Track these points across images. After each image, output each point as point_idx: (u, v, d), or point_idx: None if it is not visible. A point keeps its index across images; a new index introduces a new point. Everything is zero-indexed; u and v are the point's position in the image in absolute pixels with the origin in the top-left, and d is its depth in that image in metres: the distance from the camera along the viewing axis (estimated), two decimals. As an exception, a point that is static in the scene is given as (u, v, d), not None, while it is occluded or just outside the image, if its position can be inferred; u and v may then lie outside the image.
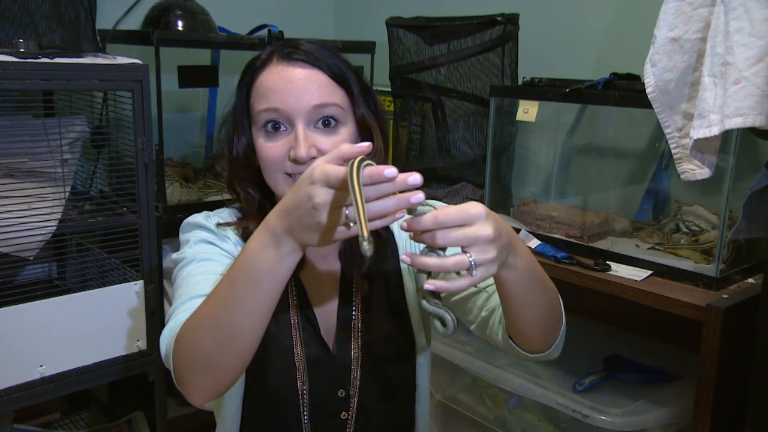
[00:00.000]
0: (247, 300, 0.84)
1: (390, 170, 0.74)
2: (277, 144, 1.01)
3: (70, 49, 1.72)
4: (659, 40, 1.31)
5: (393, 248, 1.15)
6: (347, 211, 0.76)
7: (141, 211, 1.69)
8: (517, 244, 0.84)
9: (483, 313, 1.05)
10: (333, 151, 0.80)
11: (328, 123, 1.02)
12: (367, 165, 0.75)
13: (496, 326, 1.03)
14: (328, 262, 1.12)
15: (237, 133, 1.07)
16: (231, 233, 1.09)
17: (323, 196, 0.75)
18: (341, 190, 0.75)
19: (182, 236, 1.10)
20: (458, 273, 0.77)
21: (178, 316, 0.95)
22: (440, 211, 0.76)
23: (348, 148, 0.79)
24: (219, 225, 1.09)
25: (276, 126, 1.01)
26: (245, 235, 1.06)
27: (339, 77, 1.03)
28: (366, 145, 0.79)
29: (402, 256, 0.77)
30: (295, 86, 1.00)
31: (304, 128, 1.00)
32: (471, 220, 0.76)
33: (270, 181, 1.04)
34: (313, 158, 0.98)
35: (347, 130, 1.03)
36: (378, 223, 0.76)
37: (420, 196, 0.75)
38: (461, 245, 0.77)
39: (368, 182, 0.74)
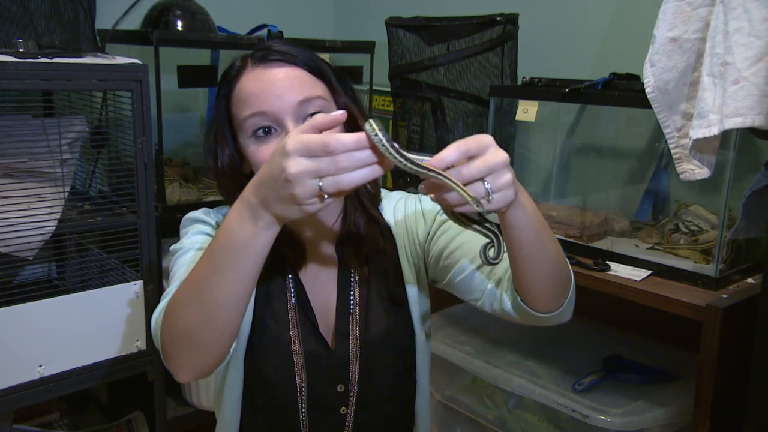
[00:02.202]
0: (226, 272, 0.84)
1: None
2: (270, 146, 1.00)
3: (69, 49, 1.71)
4: (658, 40, 1.31)
5: (391, 241, 1.14)
6: (320, 183, 0.75)
7: (140, 211, 1.69)
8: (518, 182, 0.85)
9: (489, 285, 1.02)
10: (306, 122, 0.80)
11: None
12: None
13: (504, 295, 1.00)
14: (326, 254, 1.12)
15: (220, 144, 1.06)
16: None
17: (297, 166, 0.75)
18: (319, 158, 0.74)
19: (182, 231, 1.11)
20: (477, 204, 0.77)
21: (168, 298, 0.95)
22: (457, 143, 0.77)
23: (321, 117, 0.79)
24: (219, 224, 1.09)
25: (267, 130, 1.00)
26: None
27: (316, 71, 1.04)
28: (340, 113, 0.80)
29: (420, 187, 0.78)
30: (277, 86, 1.00)
31: (295, 126, 0.99)
32: (486, 148, 0.78)
33: None
34: None
35: None
36: (358, 176, 0.76)
37: None
38: (482, 176, 0.77)
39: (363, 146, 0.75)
